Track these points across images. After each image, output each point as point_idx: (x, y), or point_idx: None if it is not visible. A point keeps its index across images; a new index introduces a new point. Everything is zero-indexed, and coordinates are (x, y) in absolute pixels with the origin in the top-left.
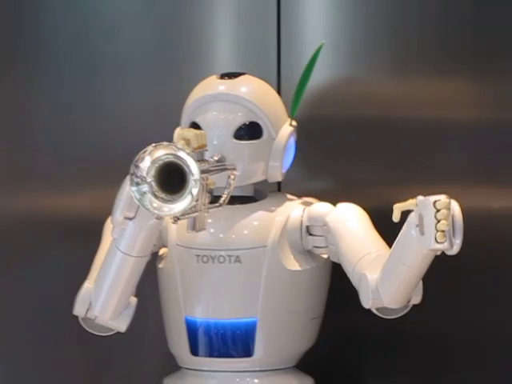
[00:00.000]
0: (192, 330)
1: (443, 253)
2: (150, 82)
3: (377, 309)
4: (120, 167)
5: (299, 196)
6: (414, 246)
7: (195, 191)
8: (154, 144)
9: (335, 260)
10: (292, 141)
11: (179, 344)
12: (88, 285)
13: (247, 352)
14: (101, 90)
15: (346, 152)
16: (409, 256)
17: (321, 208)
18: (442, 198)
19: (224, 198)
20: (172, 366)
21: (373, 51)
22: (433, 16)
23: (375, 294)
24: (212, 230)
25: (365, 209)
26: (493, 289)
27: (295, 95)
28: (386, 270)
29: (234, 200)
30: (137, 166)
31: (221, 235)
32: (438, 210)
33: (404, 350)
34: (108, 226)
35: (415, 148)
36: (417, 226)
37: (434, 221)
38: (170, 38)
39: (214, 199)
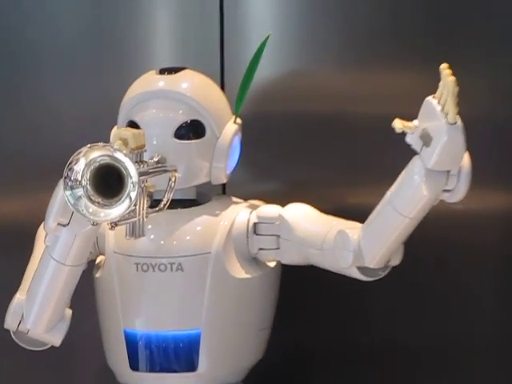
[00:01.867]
0: (131, 342)
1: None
2: (83, 77)
3: (358, 269)
4: (53, 169)
5: (245, 199)
6: (416, 191)
7: (133, 195)
8: (89, 145)
9: (286, 261)
10: (237, 140)
11: (118, 358)
12: (20, 296)
13: (191, 366)
14: (28, 85)
15: (295, 151)
16: (409, 203)
17: (270, 209)
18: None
19: (164, 201)
20: (110, 382)
21: (323, 42)
22: (386, 4)
23: (356, 249)
24: (152, 237)
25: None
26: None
27: (240, 91)
28: (374, 224)
29: (176, 204)
30: (71, 169)
31: (161, 242)
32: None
33: (362, 363)
34: (41, 232)
35: (366, 146)
36: (423, 145)
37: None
38: (104, 28)
39: (154, 203)
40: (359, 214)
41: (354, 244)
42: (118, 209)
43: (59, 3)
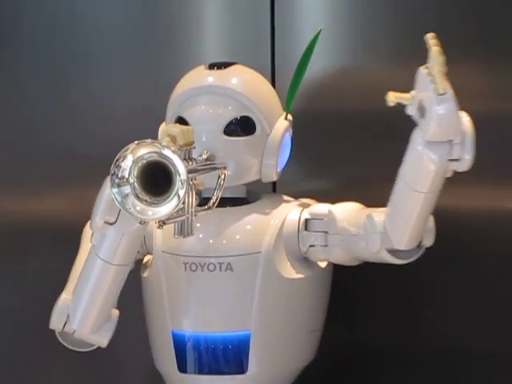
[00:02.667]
0: (180, 344)
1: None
2: (131, 72)
3: (389, 252)
4: (100, 167)
5: (296, 197)
6: (422, 164)
7: (182, 193)
8: (136, 141)
9: (333, 258)
10: (287, 137)
11: (166, 360)
12: (65, 296)
13: (240, 368)
14: (75, 81)
15: (347, 149)
16: (419, 177)
17: (321, 206)
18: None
19: (214, 199)
20: (157, 383)
21: (376, 37)
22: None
23: (382, 231)
24: (201, 236)
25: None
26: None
27: (291, 87)
28: (393, 204)
29: (225, 202)
30: (118, 166)
31: (210, 241)
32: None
33: (416, 363)
34: (87, 231)
35: None
36: (420, 116)
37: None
38: (154, 23)
39: (203, 201)
40: None
41: (379, 226)
42: (166, 207)
43: (112, 2)
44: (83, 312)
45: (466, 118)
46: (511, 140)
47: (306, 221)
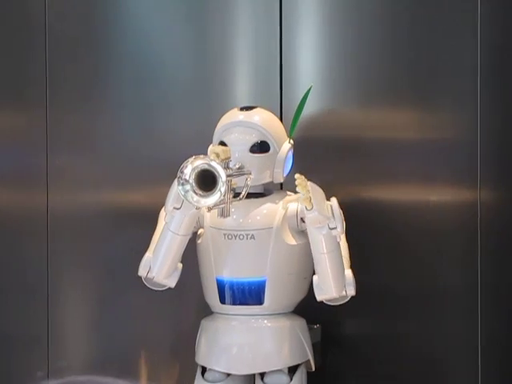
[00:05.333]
0: (221, 286)
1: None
2: (190, 113)
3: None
4: (168, 173)
5: (295, 192)
6: (315, 235)
7: (223, 189)
8: (194, 156)
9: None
10: (290, 154)
11: (212, 296)
12: (148, 254)
13: (259, 301)
14: (155, 119)
15: (328, 161)
16: (318, 244)
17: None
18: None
19: (243, 193)
20: (206, 311)
21: (347, 89)
22: (387, 64)
23: (318, 289)
24: (234, 217)
25: (340, 202)
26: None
27: (292, 121)
28: (316, 267)
29: (250, 195)
30: (182, 172)
31: (240, 220)
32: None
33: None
34: (161, 214)
35: (376, 158)
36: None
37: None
38: (205, 82)
39: (236, 195)
40: (368, 204)
41: (317, 286)
42: (213, 198)
43: (181, 66)
44: (159, 264)
45: (334, 203)
46: (434, 156)
47: (301, 218)
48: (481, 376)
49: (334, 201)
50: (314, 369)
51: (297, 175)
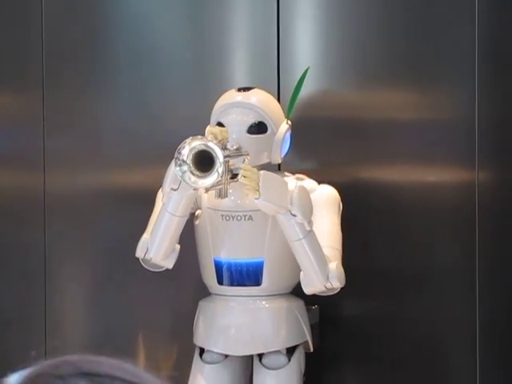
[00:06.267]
0: (218, 267)
1: None
2: (189, 92)
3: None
4: (166, 154)
5: (293, 173)
6: (282, 223)
7: (220, 170)
8: (191, 137)
9: None
10: (288, 134)
11: (209, 276)
12: (146, 236)
13: (257, 282)
14: (153, 100)
15: (325, 142)
16: (287, 231)
17: (307, 185)
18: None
19: (240, 175)
20: (204, 292)
21: (344, 70)
22: (383, 46)
23: (302, 281)
24: (232, 198)
25: (337, 183)
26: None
27: (290, 102)
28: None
29: None
30: (179, 153)
31: (238, 201)
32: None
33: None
34: (159, 195)
35: (373, 139)
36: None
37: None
38: (203, 64)
39: (234, 176)
40: (366, 184)
41: (301, 278)
42: (210, 179)
43: (180, 48)
44: (157, 246)
45: (296, 191)
46: (432, 137)
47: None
48: (479, 356)
49: (296, 188)
50: (312, 350)
51: (243, 166)
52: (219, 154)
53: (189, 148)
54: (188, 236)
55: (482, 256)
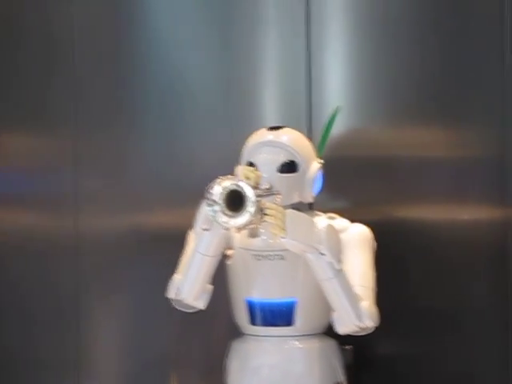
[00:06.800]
0: (251, 307)
1: None
2: (217, 134)
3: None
4: (196, 194)
5: (325, 212)
6: (313, 262)
7: (252, 210)
8: (222, 177)
9: None
10: (319, 173)
11: (242, 317)
12: (177, 276)
13: (289, 322)
14: (182, 140)
15: (357, 181)
16: (318, 270)
17: (339, 224)
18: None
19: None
20: (236, 332)
21: (375, 110)
22: (414, 85)
23: (335, 320)
24: (263, 237)
25: (370, 221)
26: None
27: (321, 141)
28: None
29: None
30: (210, 193)
31: (270, 240)
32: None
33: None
34: (190, 235)
35: (405, 177)
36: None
37: None
38: (232, 103)
39: (264, 214)
40: (399, 223)
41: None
42: (242, 219)
43: (210, 87)
44: (189, 286)
45: (323, 230)
46: (463, 175)
47: None
48: None
49: (324, 227)
50: None
51: (268, 205)
52: (250, 194)
53: (220, 188)
54: (220, 276)
55: None
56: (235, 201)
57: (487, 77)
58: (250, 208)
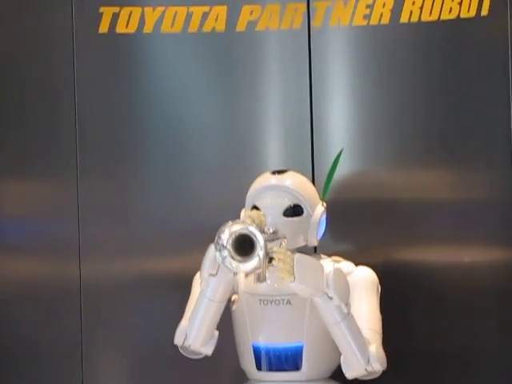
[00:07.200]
0: (257, 352)
1: None
2: (220, 179)
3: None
4: (200, 240)
5: (329, 255)
6: (320, 306)
7: (261, 254)
8: (230, 221)
9: None
10: (324, 217)
11: (248, 362)
12: (184, 322)
13: (296, 367)
14: (184, 186)
15: (361, 223)
16: (325, 315)
17: (344, 267)
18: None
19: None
20: (243, 378)
21: (379, 152)
22: (418, 126)
23: (343, 365)
24: (269, 281)
25: (375, 264)
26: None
27: (325, 184)
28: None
29: None
30: (219, 237)
31: (275, 285)
32: None
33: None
34: (196, 279)
35: (410, 219)
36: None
37: None
38: (235, 147)
39: (270, 259)
40: (404, 266)
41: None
42: (251, 263)
43: (216, 133)
44: (196, 332)
45: (331, 273)
46: (469, 217)
47: None
48: None
49: (332, 271)
50: None
51: (277, 249)
52: (260, 238)
53: (229, 232)
54: (225, 321)
55: None
56: (244, 245)
57: (493, 119)
58: (260, 252)
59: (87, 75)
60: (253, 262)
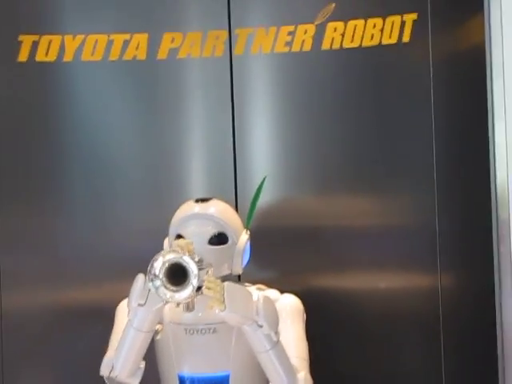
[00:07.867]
0: (182, 382)
1: None
2: (144, 207)
3: None
4: (125, 269)
5: (254, 283)
6: (249, 334)
7: (195, 283)
8: (163, 251)
9: None
10: (248, 245)
11: None
12: (110, 353)
13: None
14: (109, 214)
15: (285, 250)
16: (254, 342)
17: (270, 295)
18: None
19: (204, 287)
20: None
21: (302, 179)
22: (341, 154)
23: None
24: (199, 311)
25: (298, 291)
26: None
27: (249, 212)
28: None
29: None
30: (152, 266)
31: (199, 314)
32: None
33: None
34: (120, 309)
35: (332, 246)
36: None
37: None
38: (158, 176)
39: (198, 288)
40: (327, 292)
41: None
42: (185, 292)
43: (138, 165)
44: (122, 363)
45: (261, 301)
46: (393, 244)
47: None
48: None
49: (261, 298)
50: None
51: (207, 278)
52: (193, 267)
53: (162, 261)
54: (148, 351)
55: (447, 359)
56: (176, 274)
57: (415, 145)
58: (193, 281)
59: (6, 103)
60: (186, 291)
